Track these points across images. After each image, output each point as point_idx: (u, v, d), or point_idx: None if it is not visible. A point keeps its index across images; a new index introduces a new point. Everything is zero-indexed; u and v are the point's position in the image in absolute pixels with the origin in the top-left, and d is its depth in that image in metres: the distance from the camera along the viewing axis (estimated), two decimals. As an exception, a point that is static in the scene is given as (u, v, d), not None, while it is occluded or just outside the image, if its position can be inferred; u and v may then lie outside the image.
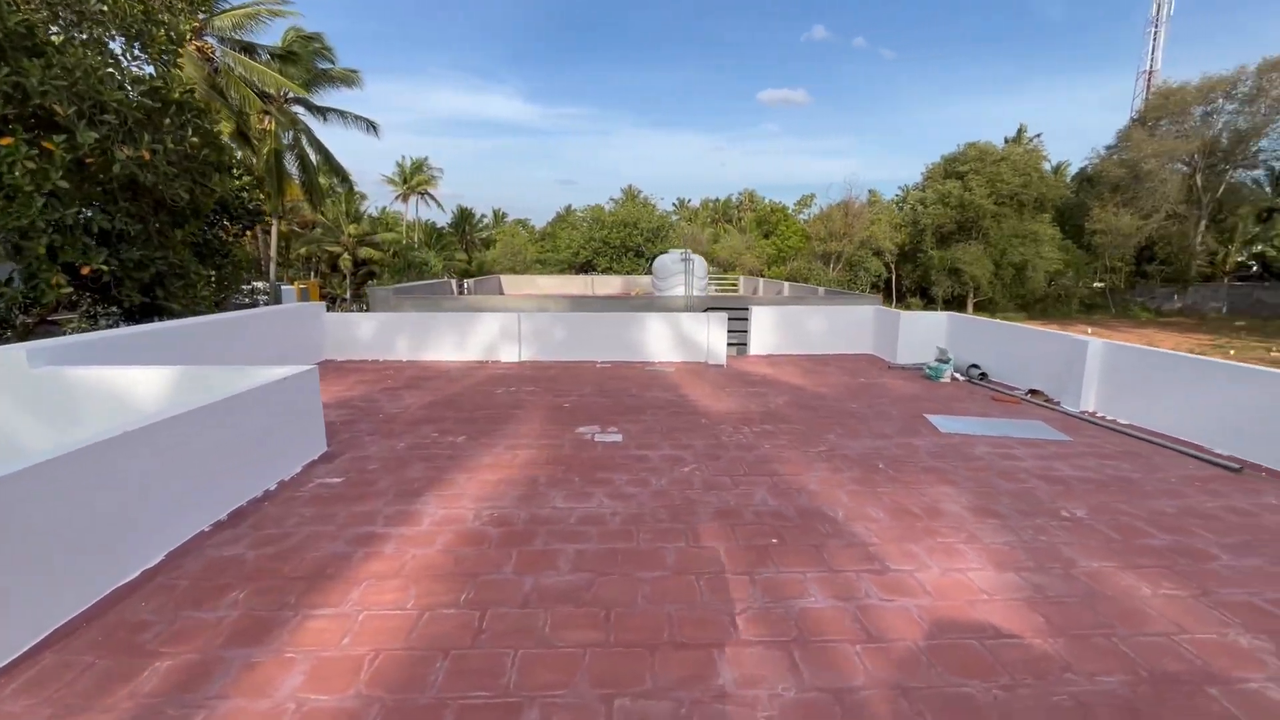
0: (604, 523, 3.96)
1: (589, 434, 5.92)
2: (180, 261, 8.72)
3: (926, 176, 50.33)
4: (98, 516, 3.01)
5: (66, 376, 4.94)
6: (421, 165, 56.33)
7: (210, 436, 3.84)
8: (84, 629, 2.80)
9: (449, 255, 54.45)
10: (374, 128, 31.04)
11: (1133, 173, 44.47)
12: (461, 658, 2.64)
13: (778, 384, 8.32)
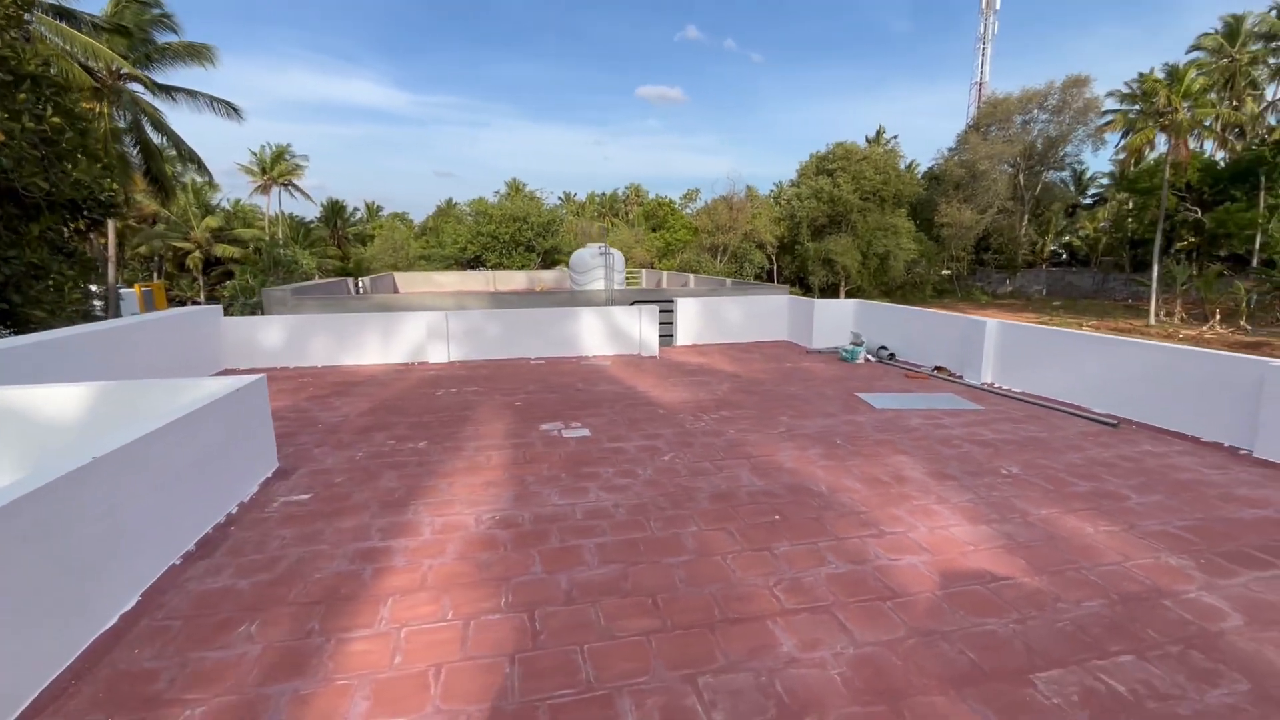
0: (610, 515, 3.99)
1: (554, 430, 5.87)
2: (40, 261, 7.43)
3: (800, 173, 53.73)
4: (63, 559, 2.60)
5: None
6: (283, 154, 51.53)
7: (172, 459, 3.41)
8: (77, 687, 2.43)
9: (320, 252, 50.39)
10: (235, 111, 27.98)
11: (970, 172, 50.25)
12: (529, 660, 2.61)
13: (714, 372, 8.66)
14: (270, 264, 44.81)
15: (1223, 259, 39.67)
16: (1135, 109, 39.91)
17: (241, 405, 4.23)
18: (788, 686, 2.45)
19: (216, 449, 3.90)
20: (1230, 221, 36.98)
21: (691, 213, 60.32)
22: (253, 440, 4.46)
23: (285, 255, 45.67)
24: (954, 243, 51.40)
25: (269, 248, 45.38)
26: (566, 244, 51.67)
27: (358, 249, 55.19)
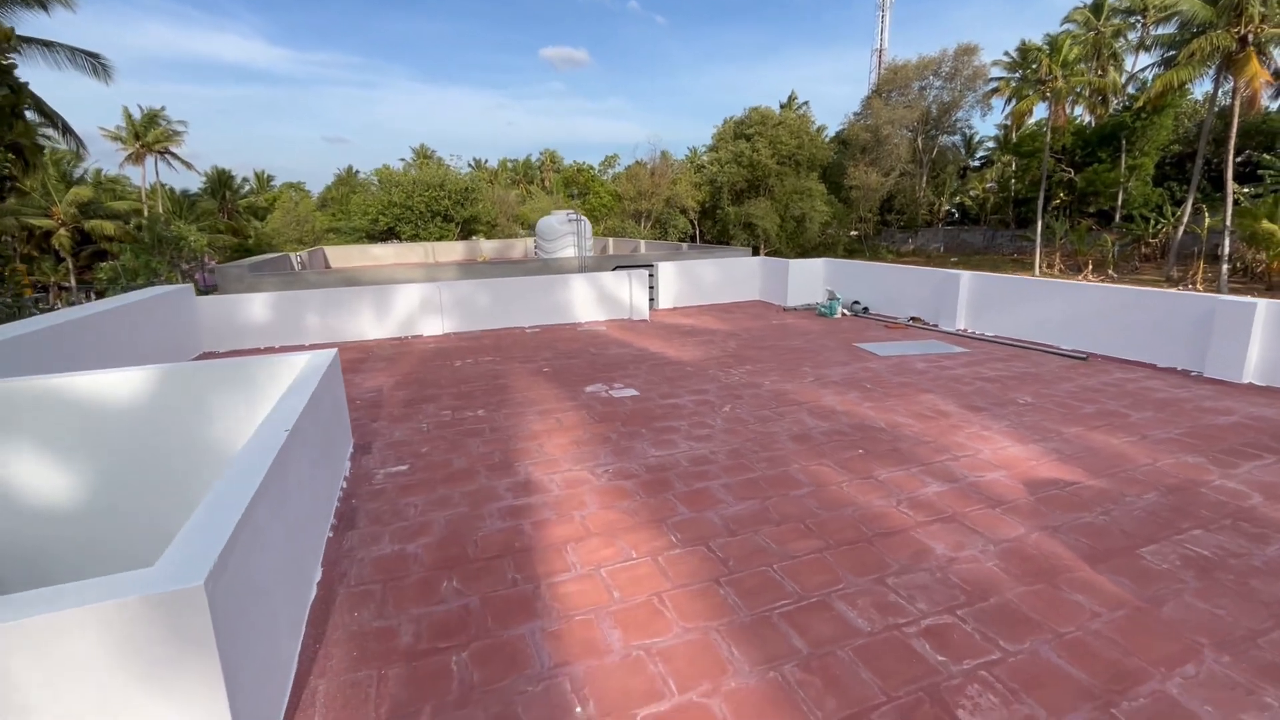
0: (713, 460, 4.30)
1: (601, 391, 6.05)
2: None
3: (717, 138, 54.52)
4: (289, 530, 2.60)
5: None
6: (156, 117, 46.19)
7: (311, 434, 3.36)
8: (329, 651, 2.49)
9: (209, 227, 45.96)
10: (103, 68, 24.78)
11: (875, 136, 52.91)
12: (735, 582, 2.90)
13: (710, 331, 9.04)
14: (154, 242, 40.42)
15: (1091, 215, 44.37)
16: (1017, 76, 43.45)
17: (330, 381, 4.14)
18: (961, 578, 2.89)
19: (326, 425, 3.83)
20: (1098, 181, 41.32)
21: (610, 179, 59.88)
22: (339, 416, 4.38)
23: (171, 233, 41.36)
24: (862, 204, 54.24)
25: (151, 224, 40.85)
26: (486, 213, 50.00)
27: (252, 223, 50.80)
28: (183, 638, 1.61)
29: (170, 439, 3.97)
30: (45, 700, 1.54)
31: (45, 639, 1.51)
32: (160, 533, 4.22)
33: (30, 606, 1.53)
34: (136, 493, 4.05)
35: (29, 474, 3.92)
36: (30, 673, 1.51)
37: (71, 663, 1.54)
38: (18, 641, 1.49)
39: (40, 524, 4.03)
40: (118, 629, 1.55)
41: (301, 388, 3.49)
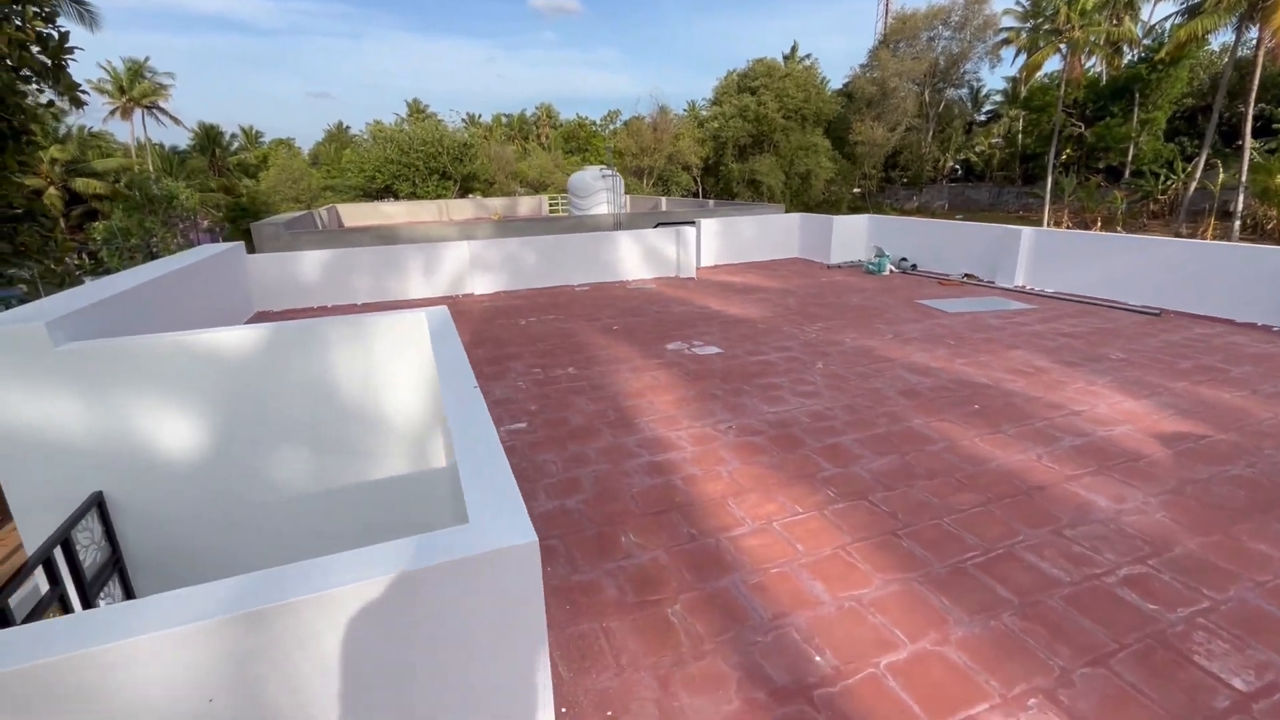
0: (833, 417, 4.28)
1: (685, 349, 5.99)
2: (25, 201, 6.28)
3: (720, 91, 53.14)
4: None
5: (99, 353, 3.68)
6: (141, 70, 44.42)
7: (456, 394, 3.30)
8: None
9: (200, 185, 44.73)
10: (89, 14, 23.64)
11: (881, 90, 51.71)
12: (914, 534, 2.91)
13: (764, 289, 8.95)
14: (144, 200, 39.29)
15: (1100, 171, 43.91)
16: (1028, 27, 42.31)
17: (447, 337, 4.06)
18: (1135, 530, 2.91)
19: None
20: (1109, 136, 40.76)
21: (609, 135, 58.45)
22: (465, 374, 4.31)
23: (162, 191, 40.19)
24: (866, 161, 53.41)
25: (141, 182, 39.62)
26: (484, 170, 48.89)
27: (244, 181, 49.49)
28: (511, 596, 1.58)
29: (302, 394, 3.92)
30: (382, 662, 1.52)
31: (371, 603, 1.47)
32: (308, 491, 4.22)
33: (349, 570, 1.49)
34: (269, 447, 4.02)
35: (161, 429, 3.87)
36: (355, 633, 1.48)
37: (404, 627, 1.51)
38: (345, 605, 1.45)
39: (173, 480, 4.01)
40: (453, 586, 1.52)
41: (444, 344, 3.41)
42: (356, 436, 4.32)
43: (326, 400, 4.15)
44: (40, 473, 3.72)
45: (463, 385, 2.67)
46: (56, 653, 1.25)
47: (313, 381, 4.08)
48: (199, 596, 1.39)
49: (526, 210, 21.61)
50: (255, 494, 4.23)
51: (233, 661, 1.38)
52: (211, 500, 4.15)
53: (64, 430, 3.69)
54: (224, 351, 3.85)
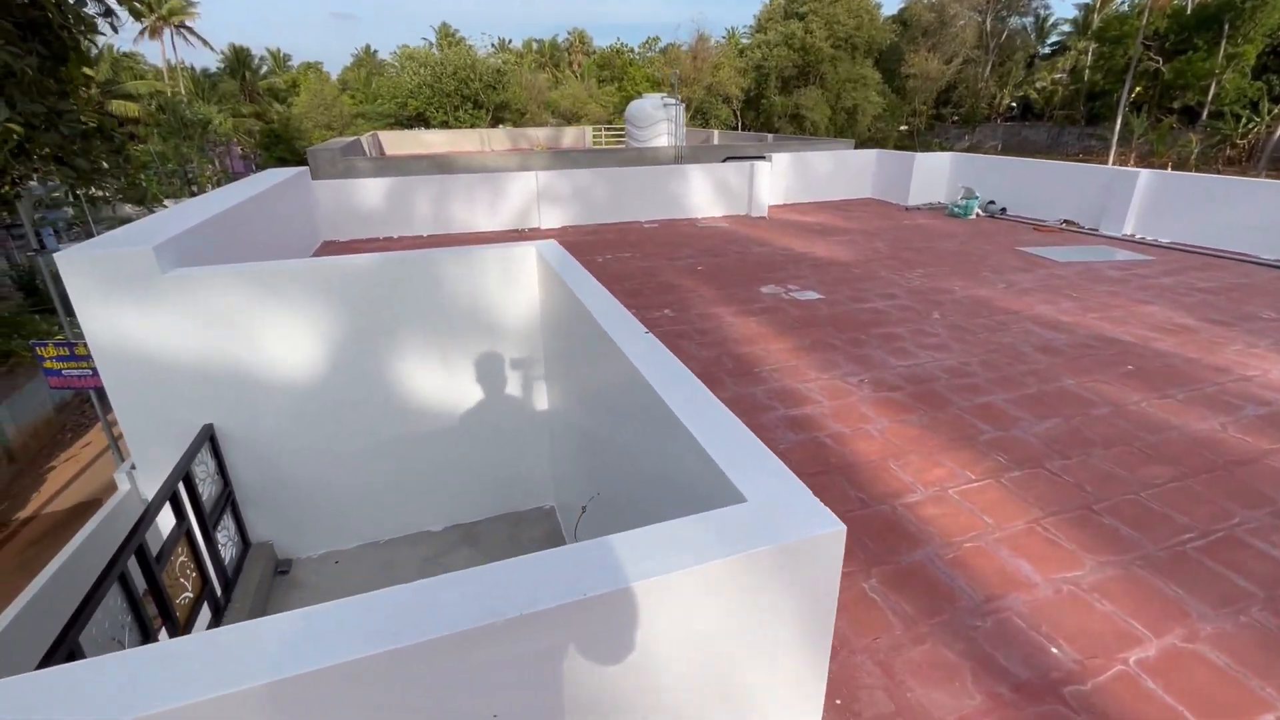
0: (973, 374, 3.95)
1: (782, 294, 5.63)
2: (95, 116, 5.99)
3: (763, 18, 50.05)
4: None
5: (206, 281, 3.47)
6: (167, -16, 43.04)
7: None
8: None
9: (232, 109, 44.05)
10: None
11: (940, 17, 48.19)
12: (1114, 512, 2.62)
13: (843, 229, 8.43)
14: (178, 125, 38.83)
15: (1174, 111, 40.85)
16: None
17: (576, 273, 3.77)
18: (1370, 514, 2.58)
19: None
20: (1189, 72, 37.62)
21: (646, 64, 55.76)
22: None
23: (197, 115, 39.63)
24: (918, 96, 50.42)
25: (174, 105, 39.01)
26: (516, 100, 47.30)
27: (275, 106, 48.60)
28: (808, 590, 1.33)
29: (412, 328, 3.73)
30: (668, 661, 1.30)
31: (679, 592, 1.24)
32: (414, 428, 4.10)
33: (648, 554, 1.25)
34: (378, 380, 3.87)
35: (269, 360, 3.71)
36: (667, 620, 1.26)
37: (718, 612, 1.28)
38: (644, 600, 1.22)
39: (282, 413, 3.89)
40: (750, 578, 1.27)
41: (577, 282, 3.12)
42: (464, 372, 4.14)
43: (435, 334, 3.94)
44: (154, 404, 3.59)
45: (629, 329, 2.39)
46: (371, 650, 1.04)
47: (424, 315, 3.85)
48: (477, 596, 1.16)
49: (570, 142, 20.78)
50: (363, 428, 4.10)
51: (515, 667, 1.16)
52: (319, 434, 4.03)
53: (174, 360, 3.54)
54: (334, 281, 3.62)
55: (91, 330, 3.36)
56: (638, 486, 2.29)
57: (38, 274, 17.34)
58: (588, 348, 2.93)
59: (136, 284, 3.33)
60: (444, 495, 4.56)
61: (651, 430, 1.98)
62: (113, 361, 3.47)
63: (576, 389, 3.54)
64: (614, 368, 2.35)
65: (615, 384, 2.44)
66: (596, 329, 2.52)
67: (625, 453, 2.43)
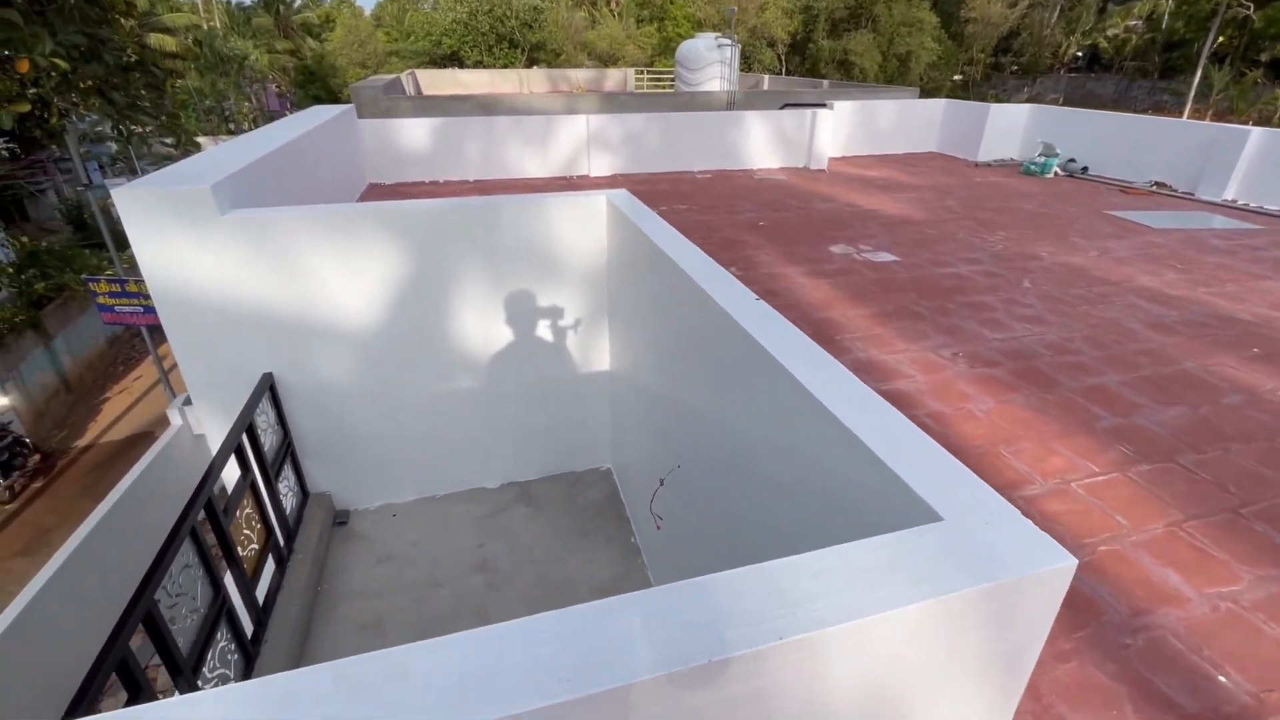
0: (1078, 351, 3.62)
1: (854, 254, 5.28)
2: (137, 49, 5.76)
3: (816, -47, 46.92)
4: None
5: (265, 223, 3.29)
6: (199, -90, 41.87)
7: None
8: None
9: (267, 45, 43.36)
10: None
11: (1007, -45, 44.68)
12: (1267, 517, 2.35)
13: (910, 186, 7.92)
14: (215, 60, 38.38)
15: (1261, 64, 37.71)
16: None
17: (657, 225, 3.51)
18: None
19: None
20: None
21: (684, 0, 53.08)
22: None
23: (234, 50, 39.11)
24: (976, 43, 47.38)
25: (210, 39, 38.48)
26: (553, 39, 45.71)
27: (309, 42, 47.72)
28: (1017, 630, 1.12)
29: (474, 278, 3.53)
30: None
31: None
32: (471, 383, 3.97)
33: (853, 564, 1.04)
34: (438, 331, 3.71)
35: (328, 308, 3.57)
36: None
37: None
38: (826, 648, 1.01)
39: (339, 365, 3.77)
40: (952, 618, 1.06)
41: (663, 237, 2.86)
42: (526, 326, 3.95)
43: (499, 285, 3.73)
44: (214, 351, 3.49)
45: (736, 293, 2.14)
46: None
47: (488, 265, 3.64)
48: (655, 638, 0.96)
49: (612, 85, 19.96)
50: (421, 380, 3.97)
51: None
52: (378, 385, 3.91)
53: (234, 305, 3.40)
54: (398, 227, 3.41)
55: (151, 272, 3.23)
56: (754, 479, 2.09)
57: (85, 208, 17.57)
58: (673, 309, 2.70)
59: (194, 224, 3.16)
60: (500, 452, 4.46)
61: (779, 416, 1.75)
62: (172, 306, 3.36)
63: (650, 351, 3.32)
64: (717, 336, 2.11)
65: (716, 353, 2.22)
66: (694, 291, 2.27)
67: (728, 431, 2.23)
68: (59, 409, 13.88)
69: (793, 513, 1.73)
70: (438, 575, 3.80)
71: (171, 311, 3.34)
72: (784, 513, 1.78)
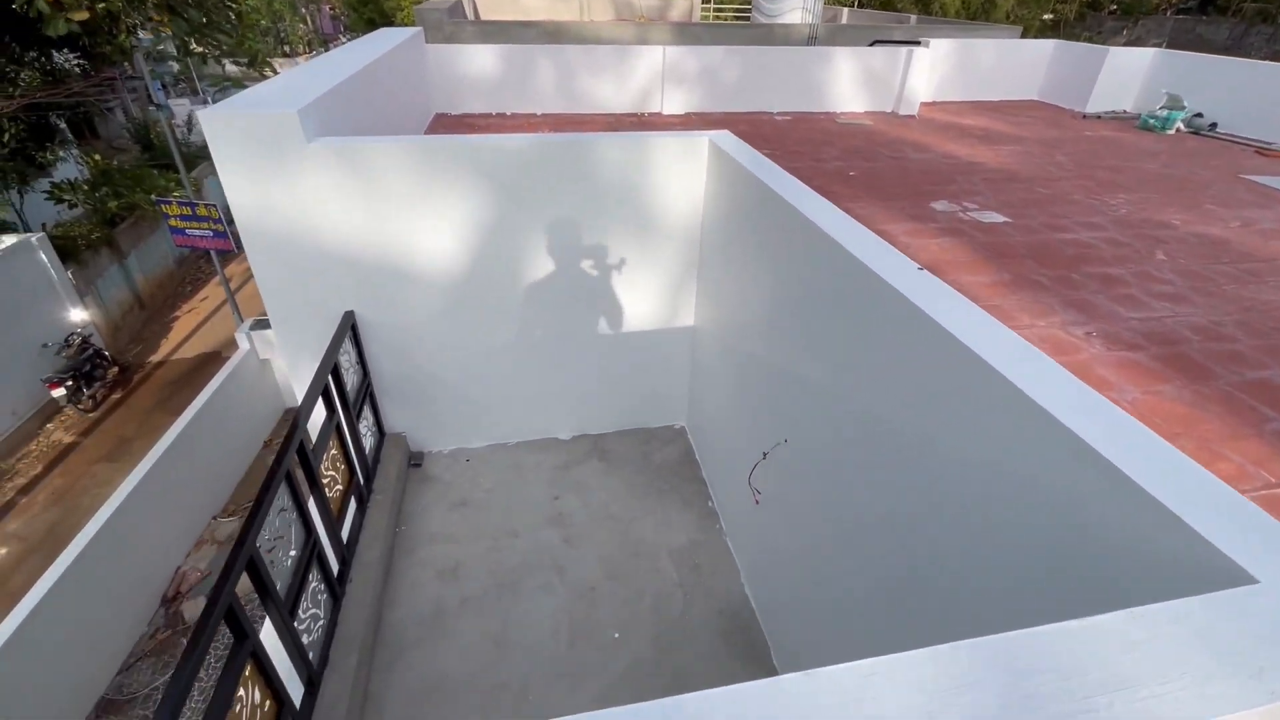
0: (1232, 337, 3.23)
1: (957, 213, 4.84)
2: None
3: None
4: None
5: (351, 154, 3.11)
6: None
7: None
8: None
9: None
10: None
11: (1125, -126, 39.89)
12: None
13: (1013, 137, 7.24)
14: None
15: None
16: None
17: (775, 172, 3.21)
18: None
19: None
20: None
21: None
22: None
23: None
24: (1075, -23, 43.01)
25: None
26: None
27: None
28: None
29: (564, 222, 3.31)
30: None
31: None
32: (555, 329, 3.83)
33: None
34: (523, 277, 3.54)
35: (412, 246, 3.43)
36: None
37: None
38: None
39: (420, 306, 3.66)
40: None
41: (788, 189, 2.58)
42: (610, 275, 3.75)
43: (586, 231, 3.51)
44: (296, 286, 3.39)
45: (897, 263, 1.87)
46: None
47: (577, 207, 3.42)
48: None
49: (678, 14, 18.80)
50: (500, 326, 3.83)
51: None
52: (457, 328, 3.79)
53: (317, 239, 3.28)
54: (487, 163, 3.19)
55: (236, 202, 3.11)
56: (910, 483, 1.87)
57: (153, 127, 17.79)
58: (795, 271, 2.44)
59: (280, 151, 3.01)
60: (573, 403, 4.35)
61: (971, 419, 1.52)
62: (257, 236, 3.25)
63: (750, 312, 3.09)
64: (869, 311, 1.87)
65: (865, 330, 1.97)
66: (837, 255, 2.02)
67: (872, 420, 2.00)
68: (133, 325, 14.49)
69: (972, 530, 1.52)
70: (513, 524, 3.77)
71: (256, 242, 3.24)
72: (956, 528, 1.58)
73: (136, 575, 7.73)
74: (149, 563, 7.94)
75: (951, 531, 1.63)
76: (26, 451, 10.95)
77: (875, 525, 2.00)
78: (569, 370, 4.16)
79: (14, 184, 12.94)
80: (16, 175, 12.87)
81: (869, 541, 2.03)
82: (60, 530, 9.19)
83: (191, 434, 8.56)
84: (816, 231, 2.10)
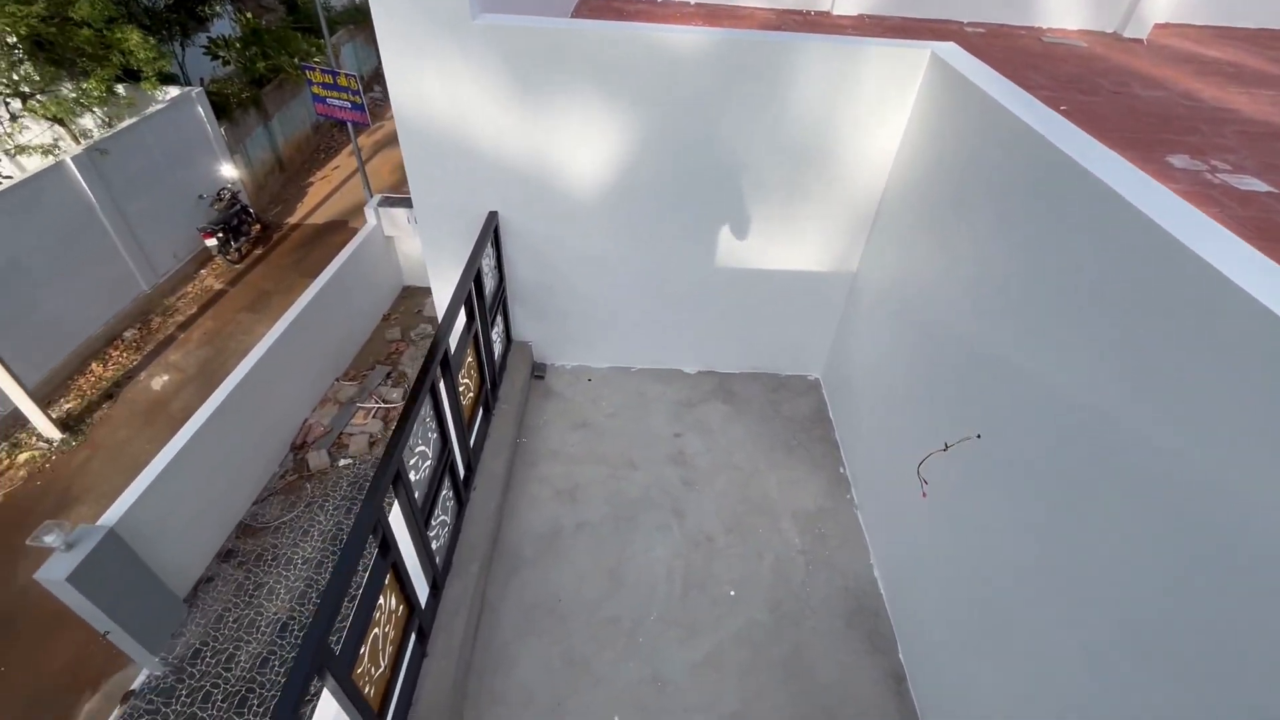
0: None
1: (1206, 172, 3.93)
2: None
3: None
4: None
5: (519, 37, 2.79)
6: None
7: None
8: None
9: None
10: None
11: None
12: None
13: (1274, 79, 5.80)
14: None
15: None
16: None
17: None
18: None
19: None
20: None
21: None
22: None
23: None
24: None
25: None
26: None
27: None
28: None
29: (744, 136, 2.91)
30: None
31: None
32: (712, 265, 3.53)
33: None
34: (687, 196, 3.21)
35: (567, 145, 3.15)
36: None
37: None
38: None
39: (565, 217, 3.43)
40: None
41: (1040, 119, 2.04)
42: (769, 207, 3.33)
43: (757, 149, 3.07)
44: (445, 180, 3.21)
45: (1231, 246, 1.39)
46: None
47: (752, 120, 2.97)
48: None
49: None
50: (639, 247, 3.55)
51: None
52: (595, 243, 3.54)
53: (470, 132, 3.04)
54: (659, 59, 2.78)
55: (396, 89, 2.91)
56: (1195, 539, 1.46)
57: (298, -10, 17.96)
58: (1059, 240, 1.96)
59: (444, 27, 2.74)
60: (702, 334, 4.09)
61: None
62: (411, 119, 3.06)
63: (954, 274, 2.62)
64: (1198, 316, 1.42)
65: (1166, 333, 1.53)
66: (1154, 234, 1.54)
67: (1132, 437, 1.59)
68: (274, 186, 15.35)
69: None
70: (633, 456, 3.67)
71: (412, 135, 3.06)
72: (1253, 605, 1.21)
73: (271, 421, 8.55)
74: (281, 411, 8.75)
75: (1245, 611, 1.26)
76: (185, 293, 12.14)
77: (1105, 571, 1.65)
78: (705, 300, 3.86)
79: (177, 36, 13.55)
80: (179, 28, 13.44)
81: (1090, 591, 1.69)
82: (211, 367, 10.26)
83: (321, 301, 9.11)
84: (1120, 204, 1.61)
